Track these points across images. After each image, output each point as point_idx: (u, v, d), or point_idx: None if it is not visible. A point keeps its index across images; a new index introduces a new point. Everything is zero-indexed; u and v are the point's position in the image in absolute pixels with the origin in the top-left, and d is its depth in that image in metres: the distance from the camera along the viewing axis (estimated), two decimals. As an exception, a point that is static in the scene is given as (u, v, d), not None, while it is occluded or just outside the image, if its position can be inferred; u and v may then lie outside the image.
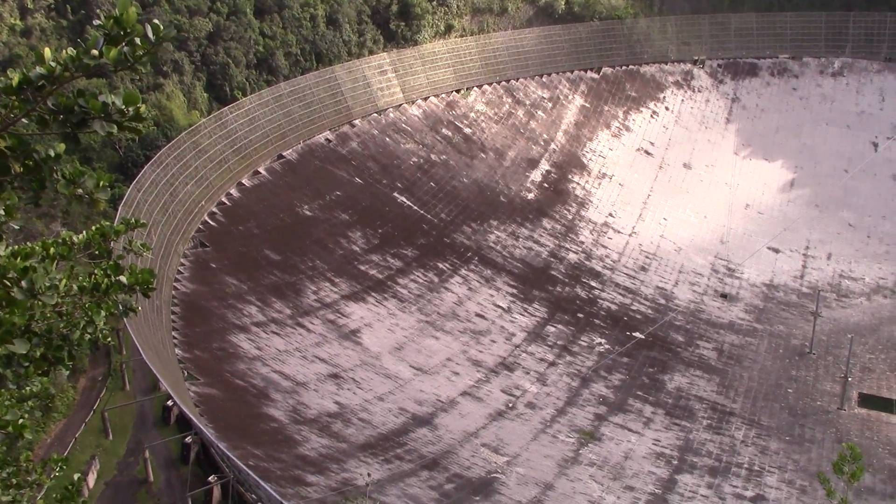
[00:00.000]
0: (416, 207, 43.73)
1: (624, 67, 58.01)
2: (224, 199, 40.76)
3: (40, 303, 4.35)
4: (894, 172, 52.43)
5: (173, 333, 31.88)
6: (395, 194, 44.15)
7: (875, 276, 45.78)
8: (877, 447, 33.19)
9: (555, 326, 37.80)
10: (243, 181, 42.17)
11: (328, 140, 46.02)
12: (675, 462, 30.98)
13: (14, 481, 6.81)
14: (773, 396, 36.34)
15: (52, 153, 4.01)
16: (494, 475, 28.33)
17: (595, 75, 56.65)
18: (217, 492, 29.81)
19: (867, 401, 36.58)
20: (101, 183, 4.16)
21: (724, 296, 43.27)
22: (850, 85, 58.57)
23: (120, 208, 34.27)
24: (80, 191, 4.20)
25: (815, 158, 53.99)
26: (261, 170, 43.18)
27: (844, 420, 35.24)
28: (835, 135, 55.51)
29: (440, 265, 40.57)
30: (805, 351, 39.54)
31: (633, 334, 38.27)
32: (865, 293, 44.55)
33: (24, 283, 4.19)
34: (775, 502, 29.70)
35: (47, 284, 4.27)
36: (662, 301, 41.88)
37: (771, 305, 43.25)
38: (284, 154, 44.52)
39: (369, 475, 25.23)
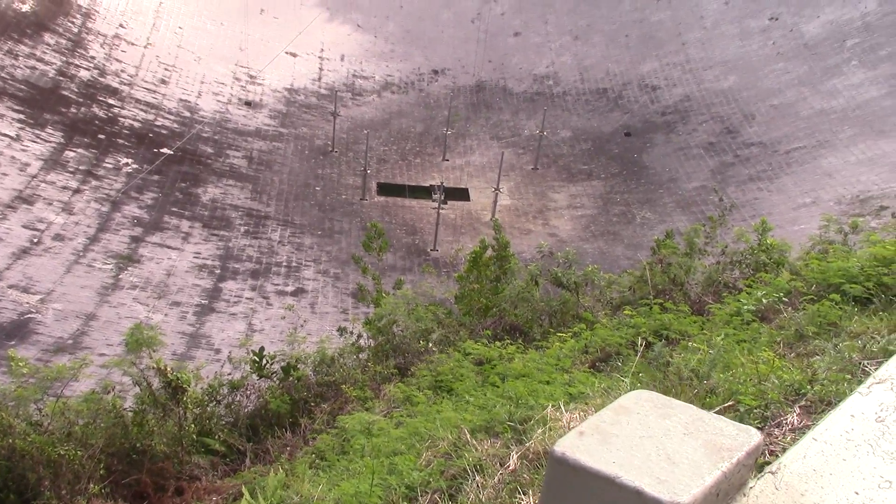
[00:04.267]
0: None
1: None
2: None
3: None
4: (394, -27, 55.66)
5: None
6: None
7: (383, 73, 49.27)
8: (395, 229, 37.06)
9: (74, 151, 35.12)
10: None
11: None
12: (218, 271, 31.62)
13: None
14: (303, 196, 38.28)
15: None
16: (28, 315, 26.48)
17: None
18: None
19: (384, 189, 40.31)
20: None
21: (248, 103, 43.52)
22: None
23: None
24: None
25: (321, -40, 55.03)
26: None
27: (367, 209, 38.57)
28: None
29: (-77, 93, 34.90)
30: (328, 150, 41.92)
31: (162, 150, 37.14)
32: (376, 90, 47.91)
33: None
34: (313, 292, 32.03)
35: None
36: (188, 114, 40.90)
37: (294, 109, 44.62)
38: None
39: None
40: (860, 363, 7.15)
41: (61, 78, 38.76)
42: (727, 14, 51.06)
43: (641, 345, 9.98)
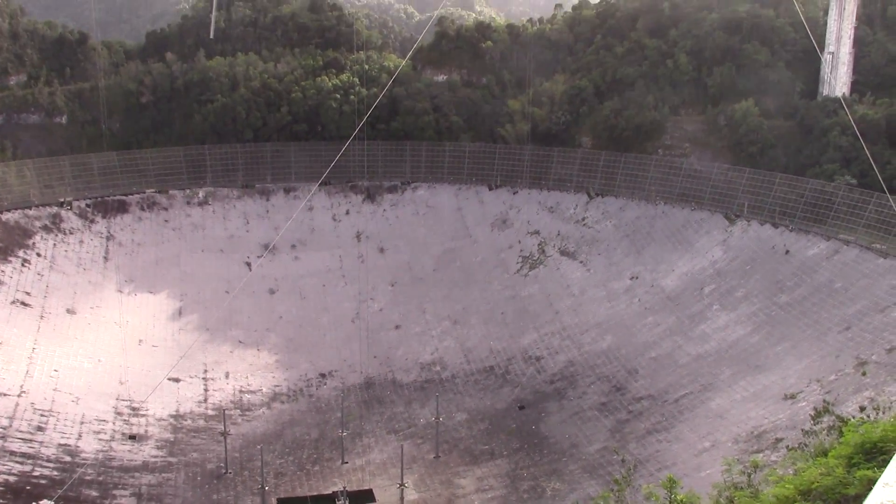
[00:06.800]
0: None
1: (-17, 217, 53.57)
2: None
3: None
4: (270, 287, 57.08)
5: None
6: None
7: (271, 385, 48.87)
8: (302, 546, 34.99)
9: (-58, 520, 32.45)
10: None
11: None
12: None
13: None
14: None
15: None
16: None
17: (-51, 228, 51.24)
18: None
19: (285, 504, 38.50)
20: None
21: (132, 437, 41.88)
22: (216, 212, 62.56)
23: None
24: None
25: (197, 285, 56.06)
26: None
27: (269, 529, 36.52)
28: (212, 260, 58.49)
29: None
30: (222, 472, 40.18)
31: (41, 503, 34.72)
32: (266, 403, 47.21)
33: None
34: None
35: None
36: (68, 458, 38.87)
37: (181, 436, 43.15)
38: None
39: None
40: None
41: (-73, 442, 36.61)
42: (591, 280, 54.19)
43: None
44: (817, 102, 60.25)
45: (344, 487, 35.91)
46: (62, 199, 58.25)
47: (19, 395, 41.79)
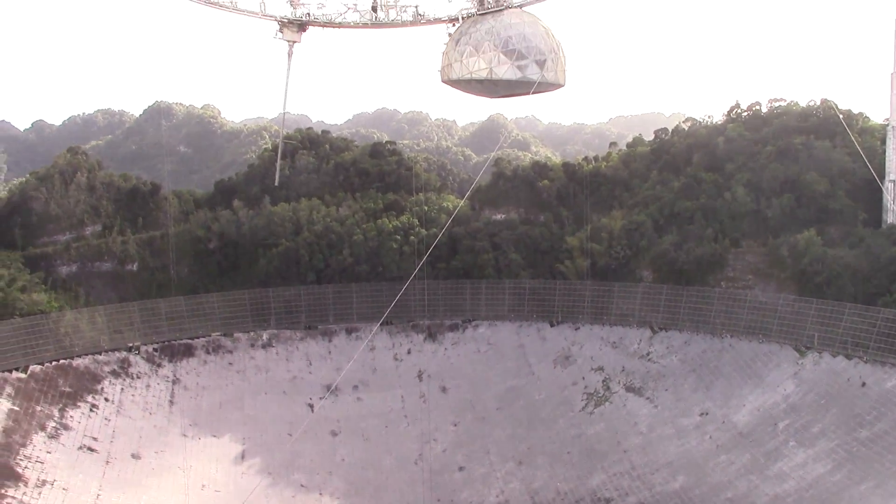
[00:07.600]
0: None
1: (54, 363, 54.87)
2: None
3: None
4: (332, 429, 56.69)
5: None
6: None
7: (333, 531, 47.83)
8: None
9: None
10: None
11: None
12: None
13: None
14: None
15: None
16: None
17: (22, 375, 52.48)
18: None
19: None
20: None
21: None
22: (279, 354, 63.17)
23: None
24: None
25: (260, 427, 56.00)
26: None
27: None
28: (274, 402, 58.61)
29: None
30: None
31: None
32: (328, 550, 46.09)
33: None
34: None
35: None
36: None
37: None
38: None
39: None
40: None
41: None
42: (659, 416, 52.69)
43: None
44: (882, 231, 59.39)
45: None
46: (131, 344, 59.57)
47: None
